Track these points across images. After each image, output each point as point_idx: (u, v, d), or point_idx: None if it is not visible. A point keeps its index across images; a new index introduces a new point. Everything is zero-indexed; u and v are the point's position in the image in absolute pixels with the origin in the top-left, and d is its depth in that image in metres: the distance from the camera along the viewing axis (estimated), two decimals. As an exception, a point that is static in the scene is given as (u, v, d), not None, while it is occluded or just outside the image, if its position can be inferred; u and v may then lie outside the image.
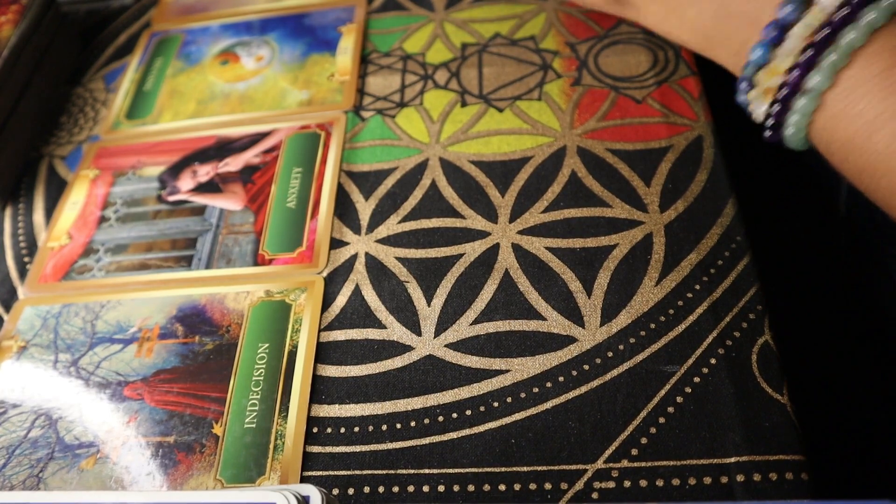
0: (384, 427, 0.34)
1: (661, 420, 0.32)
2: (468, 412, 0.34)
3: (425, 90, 0.48)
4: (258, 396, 0.36)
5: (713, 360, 0.34)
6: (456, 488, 0.32)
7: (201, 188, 0.46)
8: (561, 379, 0.34)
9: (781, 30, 0.31)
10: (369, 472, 0.33)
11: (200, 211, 0.45)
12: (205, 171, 0.47)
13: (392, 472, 0.33)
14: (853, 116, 0.29)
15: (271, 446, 0.34)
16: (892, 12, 0.28)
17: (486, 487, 0.32)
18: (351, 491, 0.33)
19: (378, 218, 0.42)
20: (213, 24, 0.56)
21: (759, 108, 0.33)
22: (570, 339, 0.35)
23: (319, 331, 0.38)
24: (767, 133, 0.33)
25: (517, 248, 0.39)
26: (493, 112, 0.45)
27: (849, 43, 0.28)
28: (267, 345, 0.38)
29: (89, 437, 0.36)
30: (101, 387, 0.38)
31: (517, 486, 0.32)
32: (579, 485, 0.31)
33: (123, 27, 0.59)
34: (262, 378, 0.37)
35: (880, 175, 0.28)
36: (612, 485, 0.31)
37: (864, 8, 0.28)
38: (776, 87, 0.31)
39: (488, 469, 0.32)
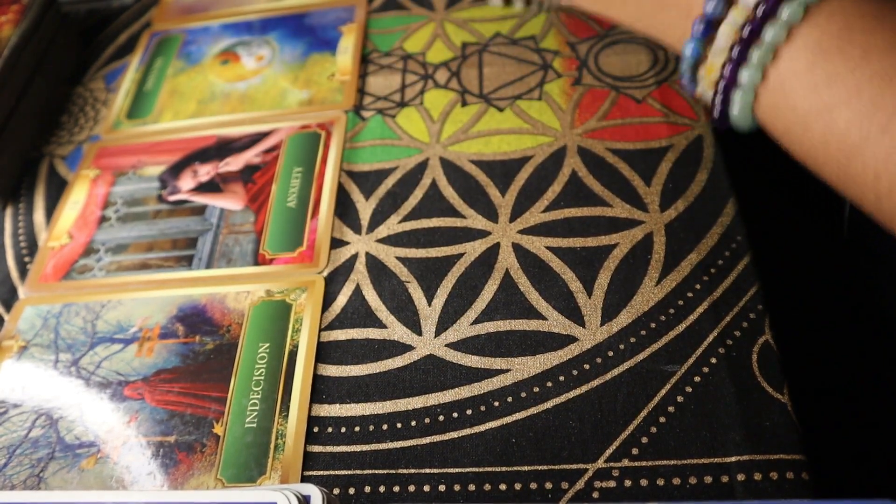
0: (385, 426, 0.34)
1: (662, 419, 0.32)
2: (469, 412, 0.34)
3: (426, 90, 0.48)
4: (259, 396, 0.36)
5: (714, 360, 0.34)
6: (457, 488, 0.32)
7: (202, 188, 0.46)
8: (561, 378, 0.34)
9: (709, 25, 0.31)
10: (370, 471, 0.33)
11: (201, 211, 0.45)
12: (205, 171, 0.47)
13: (393, 471, 0.33)
14: (787, 110, 0.29)
15: (272, 446, 0.34)
16: (805, 6, 0.29)
17: (487, 487, 0.32)
18: (351, 490, 0.33)
19: (378, 217, 0.42)
20: (214, 24, 0.56)
21: (706, 96, 0.34)
22: (571, 339, 0.35)
23: (320, 330, 0.38)
24: (716, 118, 0.33)
25: (517, 248, 0.39)
26: (494, 112, 0.45)
27: (771, 41, 0.29)
28: (267, 344, 0.38)
29: (90, 437, 0.36)
30: (102, 386, 0.38)
31: (518, 486, 0.32)
32: (580, 484, 0.31)
33: (124, 27, 0.59)
34: (262, 378, 0.37)
35: (821, 163, 0.29)
36: (612, 484, 0.31)
37: (781, 4, 0.29)
38: (714, 81, 0.32)
39: (489, 468, 0.32)
